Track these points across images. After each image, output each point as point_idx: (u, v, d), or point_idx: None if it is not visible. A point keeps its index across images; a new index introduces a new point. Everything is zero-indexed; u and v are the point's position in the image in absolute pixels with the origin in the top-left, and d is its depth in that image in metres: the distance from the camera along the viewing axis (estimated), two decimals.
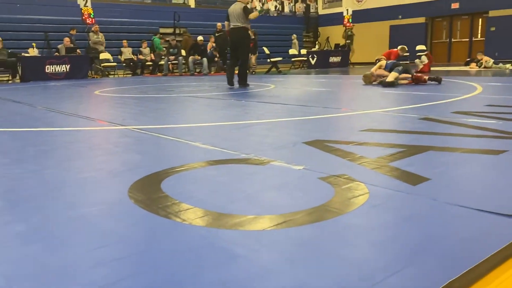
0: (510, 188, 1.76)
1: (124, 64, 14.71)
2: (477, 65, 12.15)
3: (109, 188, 1.95)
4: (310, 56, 17.16)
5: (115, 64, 14.37)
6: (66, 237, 1.39)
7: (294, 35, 18.40)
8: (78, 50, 13.16)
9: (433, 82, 7.22)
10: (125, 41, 14.85)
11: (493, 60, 12.14)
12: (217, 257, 1.21)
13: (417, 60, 11.96)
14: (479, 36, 18.27)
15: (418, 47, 18.03)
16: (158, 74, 14.85)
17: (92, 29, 13.89)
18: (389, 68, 7.33)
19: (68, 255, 1.25)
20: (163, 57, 14.95)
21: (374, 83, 7.62)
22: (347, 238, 1.33)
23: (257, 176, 2.05)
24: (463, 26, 18.83)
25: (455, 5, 18.26)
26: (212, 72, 15.07)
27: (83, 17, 13.43)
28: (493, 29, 17.31)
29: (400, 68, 7.18)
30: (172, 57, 14.72)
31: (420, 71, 9.80)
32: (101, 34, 14.21)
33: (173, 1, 19.99)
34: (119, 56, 14.61)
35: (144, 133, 3.29)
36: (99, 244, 1.32)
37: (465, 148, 2.47)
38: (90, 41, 13.91)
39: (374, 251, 1.24)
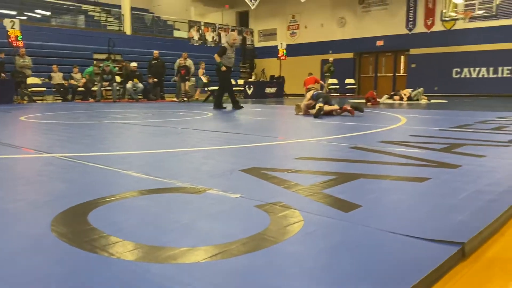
0: (435, 214, 1.85)
1: (54, 90, 14.04)
2: (400, 99, 13.07)
3: (30, 221, 1.79)
4: (247, 86, 17.50)
5: (44, 89, 13.66)
6: None
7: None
8: (2, 74, 12.37)
9: (356, 111, 7.48)
10: (55, 65, 14.23)
11: (410, 90, 13.26)
12: None
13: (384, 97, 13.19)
14: (401, 72, 19.72)
15: (347, 80, 19.09)
16: (91, 100, 14.32)
17: (19, 52, 13.18)
18: (315, 98, 7.62)
19: None
20: (96, 83, 14.48)
21: (300, 113, 7.83)
22: (282, 268, 1.31)
23: (192, 205, 2.00)
24: (387, 62, 20.27)
25: (380, 43, 19.67)
26: (137, 99, 14.77)
27: (10, 40, 12.72)
28: (413, 65, 18.80)
29: (321, 99, 7.46)
30: (106, 83, 14.30)
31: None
32: (28, 58, 13.51)
33: (108, 27, 19.59)
34: (48, 81, 13.93)
35: (72, 161, 3.11)
36: (18, 284, 1.19)
37: (393, 175, 2.60)
38: (16, 65, 13.16)
39: (309, 280, 1.23)
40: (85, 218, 1.77)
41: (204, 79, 15.73)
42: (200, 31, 21.03)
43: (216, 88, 14.86)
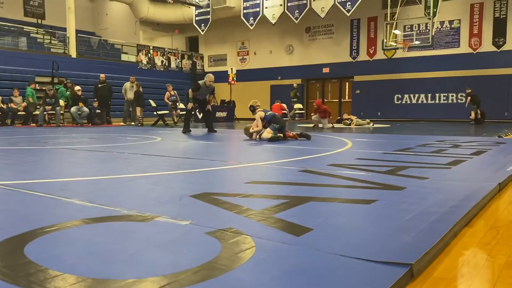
0: (383, 235, 1.89)
1: None
2: (348, 123, 13.54)
3: None
4: (197, 110, 17.36)
5: None
6: None
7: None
8: None
9: (303, 139, 7.54)
10: None
11: (355, 117, 13.84)
12: None
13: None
14: (347, 98, 20.51)
15: (296, 106, 19.55)
16: (32, 125, 13.64)
17: None
18: (267, 121, 7.54)
19: None
20: (38, 106, 13.84)
21: (251, 137, 7.68)
22: None
23: (139, 234, 1.91)
24: (333, 88, 21.04)
25: (326, 70, 20.43)
26: (85, 123, 14.30)
27: None
28: (358, 91, 19.63)
29: (276, 125, 7.41)
30: (48, 107, 13.70)
31: None
32: None
33: (52, 50, 18.93)
34: None
35: (8, 189, 2.90)
36: None
37: (342, 198, 2.64)
38: None
39: None
40: (21, 251, 1.63)
41: (153, 103, 15.51)
42: (149, 55, 20.84)
43: (164, 112, 14.84)
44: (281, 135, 7.43)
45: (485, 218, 2.36)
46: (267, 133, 7.26)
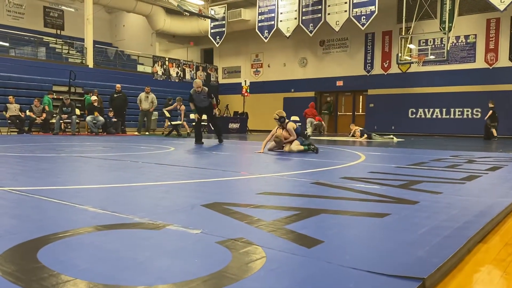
0: (395, 249, 1.87)
1: (9, 121, 13.52)
2: (359, 136, 13.53)
3: None
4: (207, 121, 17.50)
5: None
6: None
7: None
8: None
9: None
10: (11, 96, 13.78)
11: (360, 129, 13.85)
12: None
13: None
14: (360, 111, 20.43)
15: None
16: (50, 133, 13.89)
17: None
18: (298, 132, 7.42)
19: None
20: (54, 115, 14.10)
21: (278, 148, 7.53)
22: None
23: (150, 241, 1.92)
24: (347, 101, 20.99)
25: (339, 83, 20.41)
26: (97, 132, 14.47)
27: None
28: (372, 105, 19.54)
29: (303, 139, 7.37)
30: (65, 116, 13.93)
31: None
32: None
33: (69, 60, 19.31)
34: (4, 113, 13.44)
35: (24, 195, 2.95)
36: None
37: (354, 211, 2.62)
38: None
39: None
40: (35, 256, 1.66)
41: (167, 114, 15.65)
42: (165, 66, 21.10)
43: (178, 122, 14.95)
44: (313, 146, 7.33)
45: (500, 235, 2.31)
46: (297, 145, 7.26)
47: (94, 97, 14.66)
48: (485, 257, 1.92)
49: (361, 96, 20.36)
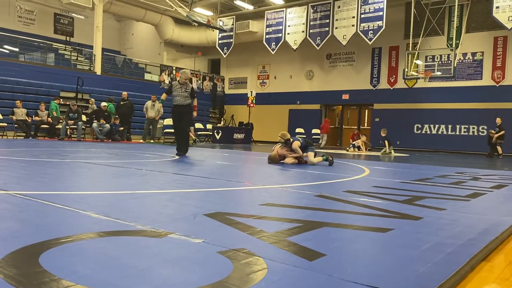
0: (398, 264, 1.86)
1: (16, 126, 13.63)
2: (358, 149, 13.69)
3: None
4: (215, 131, 17.61)
5: (4, 124, 13.26)
6: None
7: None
8: None
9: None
10: (18, 101, 13.90)
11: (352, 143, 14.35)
12: None
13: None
14: (366, 125, 20.42)
15: (314, 131, 19.55)
16: (56, 138, 13.98)
17: None
18: (303, 146, 7.45)
19: None
20: (61, 121, 14.20)
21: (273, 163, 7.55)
22: None
23: (152, 249, 1.92)
24: (352, 115, 21.00)
25: (345, 96, 20.44)
26: (101, 139, 14.54)
27: None
28: (377, 119, 19.53)
29: (312, 147, 7.51)
30: (71, 122, 14.03)
31: None
32: None
33: (78, 66, 19.50)
34: (11, 116, 13.55)
35: (28, 199, 2.96)
36: None
37: (357, 225, 2.61)
38: None
39: None
40: (36, 260, 1.66)
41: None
42: (172, 75, 21.24)
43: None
44: (331, 158, 7.47)
45: (504, 253, 2.29)
46: (316, 158, 7.36)
47: (104, 103, 14.77)
48: (488, 276, 1.90)
49: (366, 110, 20.37)
